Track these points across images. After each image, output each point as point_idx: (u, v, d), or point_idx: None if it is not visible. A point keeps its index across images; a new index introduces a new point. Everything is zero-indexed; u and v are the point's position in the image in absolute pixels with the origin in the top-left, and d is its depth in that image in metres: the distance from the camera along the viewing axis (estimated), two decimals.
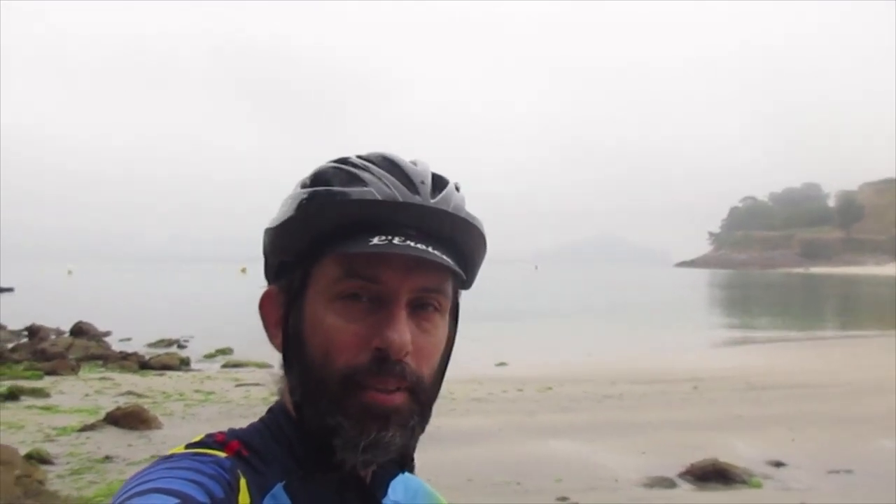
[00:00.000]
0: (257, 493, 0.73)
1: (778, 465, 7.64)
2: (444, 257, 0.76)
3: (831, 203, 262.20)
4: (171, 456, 0.73)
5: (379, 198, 0.76)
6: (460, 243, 0.82)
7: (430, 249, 0.75)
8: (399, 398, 0.75)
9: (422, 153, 0.85)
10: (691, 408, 11.12)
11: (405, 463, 0.82)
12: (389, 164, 0.80)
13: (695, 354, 20.56)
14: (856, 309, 46.87)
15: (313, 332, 0.77)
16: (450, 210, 0.79)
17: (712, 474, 7.10)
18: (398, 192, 0.77)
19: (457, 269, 0.77)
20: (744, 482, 7.02)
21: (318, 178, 0.81)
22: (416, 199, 0.78)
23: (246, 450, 0.77)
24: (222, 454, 0.74)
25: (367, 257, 0.75)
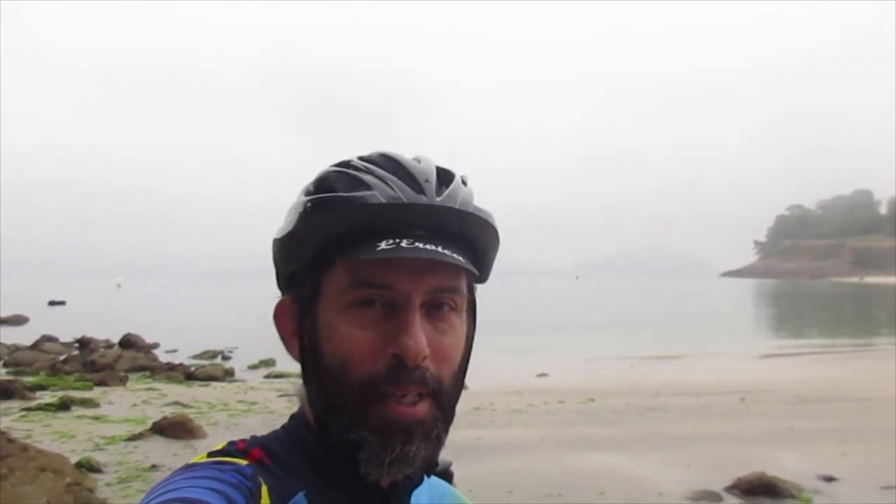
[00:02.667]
0: (279, 501, 0.72)
1: (829, 479, 7.42)
2: (455, 255, 0.73)
3: (883, 210, 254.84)
4: (193, 465, 0.72)
5: (383, 200, 0.74)
6: (471, 239, 0.79)
7: (439, 249, 0.73)
8: (422, 409, 0.73)
9: (467, 163, 0.82)
10: (738, 421, 10.87)
11: (430, 469, 0.80)
12: (392, 164, 0.78)
13: (742, 366, 20.13)
14: None
15: (328, 342, 0.75)
16: (457, 206, 0.76)
17: (760, 488, 6.92)
18: (402, 193, 0.75)
19: (469, 266, 0.74)
20: (793, 497, 6.83)
21: (321, 184, 0.79)
22: (422, 199, 0.75)
23: (268, 458, 0.76)
24: (244, 462, 0.73)
25: (376, 263, 0.73)
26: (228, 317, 41.15)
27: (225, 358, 22.56)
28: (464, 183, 0.80)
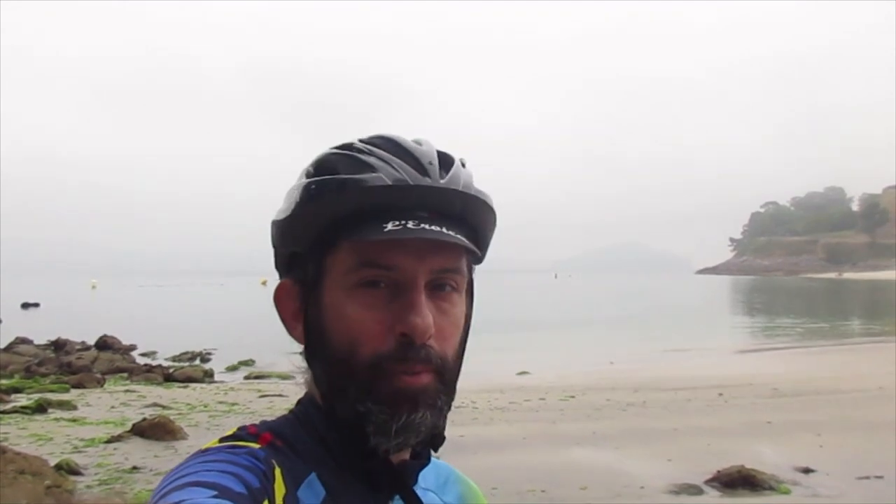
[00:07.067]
0: (292, 483, 0.73)
1: (806, 471, 7.53)
2: (459, 237, 0.75)
3: (855, 207, 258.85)
4: (207, 450, 0.73)
5: (389, 182, 0.75)
6: (472, 220, 0.81)
7: (444, 230, 0.75)
8: (426, 379, 0.75)
9: None
10: (717, 414, 11.00)
11: (436, 442, 0.82)
12: (395, 147, 0.80)
13: (719, 361, 20.37)
14: (884, 313, 46.06)
15: (335, 323, 0.77)
16: (460, 189, 0.78)
17: (739, 481, 7.00)
18: (408, 175, 0.76)
19: (472, 247, 0.77)
20: (771, 489, 6.92)
21: (323, 165, 0.80)
22: (427, 181, 0.77)
23: (279, 441, 0.77)
24: (256, 445, 0.75)
25: (382, 244, 0.74)
26: (206, 318, 40.78)
27: (204, 359, 22.34)
28: (463, 165, 0.82)
